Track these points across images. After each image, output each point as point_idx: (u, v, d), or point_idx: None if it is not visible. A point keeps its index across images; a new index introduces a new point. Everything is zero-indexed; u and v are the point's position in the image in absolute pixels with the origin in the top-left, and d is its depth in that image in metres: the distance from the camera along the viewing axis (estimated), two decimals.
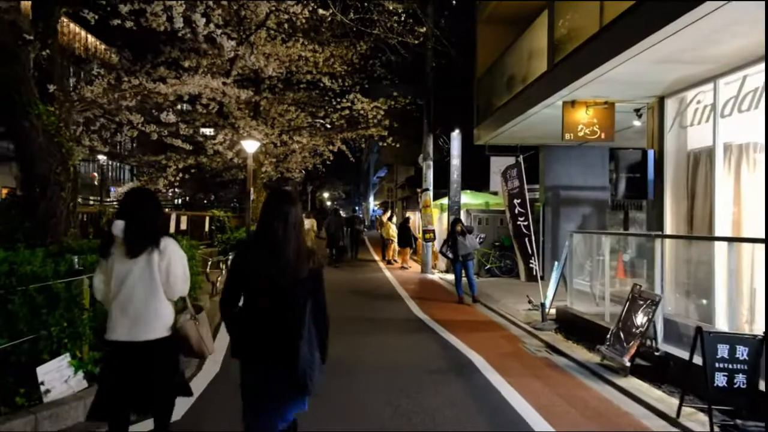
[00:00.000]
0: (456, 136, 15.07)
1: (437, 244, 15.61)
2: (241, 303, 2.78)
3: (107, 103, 7.12)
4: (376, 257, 19.79)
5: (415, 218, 18.56)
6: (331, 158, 18.83)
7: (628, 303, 5.77)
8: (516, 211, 8.96)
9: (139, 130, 8.59)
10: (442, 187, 16.28)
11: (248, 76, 15.70)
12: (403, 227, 16.40)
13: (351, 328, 7.46)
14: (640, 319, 5.42)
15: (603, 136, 8.47)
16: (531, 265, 9.06)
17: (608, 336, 5.82)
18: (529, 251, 8.94)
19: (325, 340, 2.85)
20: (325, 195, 51.77)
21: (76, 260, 4.31)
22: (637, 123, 8.95)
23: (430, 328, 7.82)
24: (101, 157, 35.19)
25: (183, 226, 11.89)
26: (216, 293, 9.95)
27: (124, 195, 3.29)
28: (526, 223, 8.66)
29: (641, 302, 5.55)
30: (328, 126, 18.20)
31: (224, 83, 9.43)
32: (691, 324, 5.32)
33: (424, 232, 15.22)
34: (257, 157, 17.07)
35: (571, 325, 7.50)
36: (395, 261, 17.50)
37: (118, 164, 43.36)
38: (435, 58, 14.95)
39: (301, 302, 2.69)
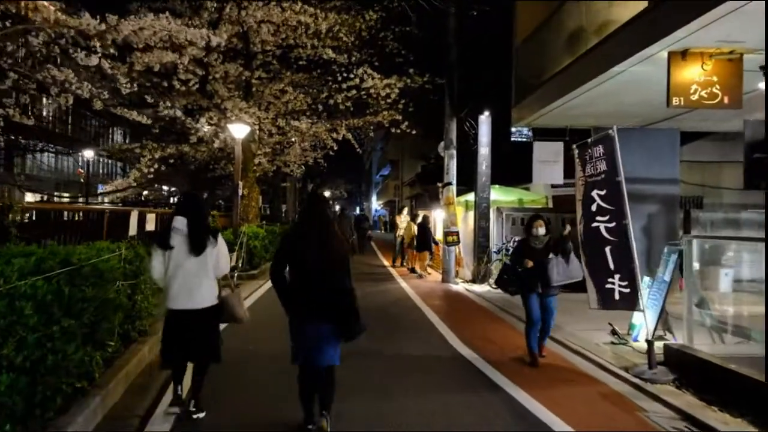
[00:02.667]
0: (485, 119, 12.60)
1: (463, 249, 13.16)
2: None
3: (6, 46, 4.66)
4: (385, 262, 17.29)
5: (431, 217, 16.00)
6: (335, 148, 16.36)
7: None
8: (594, 208, 6.42)
9: (73, 94, 6.12)
10: (461, 183, 13.76)
11: (236, 47, 13.25)
12: (423, 228, 13.91)
13: (366, 376, 5.03)
14: None
15: (726, 100, 6.00)
16: (610, 286, 6.43)
17: None
18: (611, 266, 6.32)
19: (355, 301, 3.69)
20: (327, 194, 49.30)
21: None
22: (763, 85, 6.49)
23: (486, 376, 5.36)
24: (88, 153, 32.83)
25: (150, 225, 9.41)
26: None
27: (181, 197, 4.62)
28: (611, 224, 6.09)
29: None
30: (326, 115, 15.77)
31: (189, 24, 6.94)
32: None
33: (446, 234, 12.74)
34: (248, 146, 14.61)
35: (700, 377, 5.02)
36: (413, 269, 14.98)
37: (108, 160, 40.86)
38: (463, 16, 12.43)
39: (345, 277, 3.63)
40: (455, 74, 12.95)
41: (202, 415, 4.00)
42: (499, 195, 13.24)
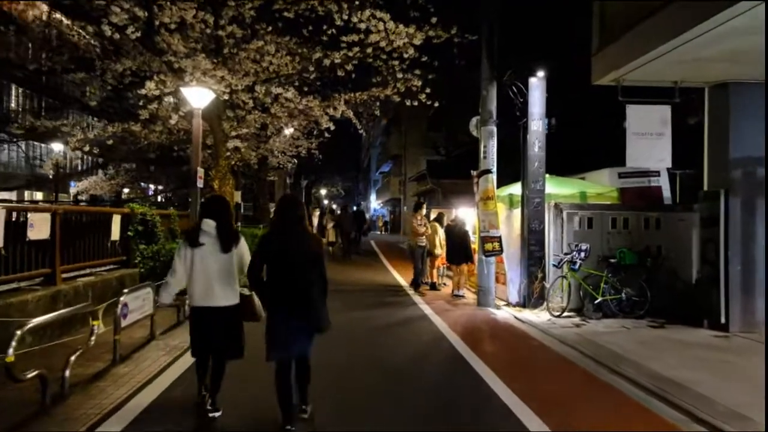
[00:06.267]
0: (537, 82, 9.17)
1: (506, 260, 9.70)
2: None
3: None
4: (398, 277, 13.77)
5: (454, 218, 12.46)
6: (332, 129, 12.87)
7: None
8: None
9: None
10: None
11: None
12: (457, 233, 10.43)
13: None
14: None
15: None
16: None
17: None
18: None
19: (325, 297, 3.88)
20: (323, 192, 45.73)
21: None
22: None
23: None
24: (56, 146, 29.24)
25: (40, 232, 5.95)
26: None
27: (208, 200, 4.46)
28: None
29: None
30: (320, 85, 12.34)
31: None
32: None
33: (484, 240, 9.29)
34: (218, 124, 11.13)
35: None
36: (434, 284, 11.40)
37: (83, 155, 37.16)
38: None
39: (314, 272, 3.76)
40: (496, 22, 9.52)
41: (218, 414, 4.04)
42: (553, 187, 9.80)
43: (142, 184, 30.34)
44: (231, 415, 4.11)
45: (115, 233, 8.05)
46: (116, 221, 8.04)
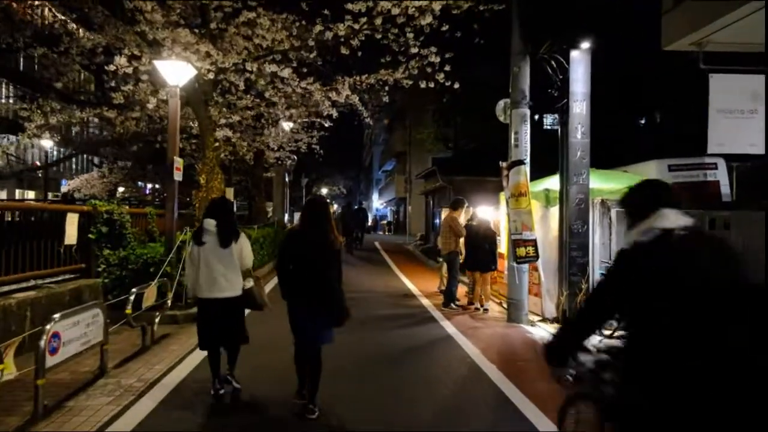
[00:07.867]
0: (580, 57, 7.67)
1: (541, 267, 8.20)
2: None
3: None
4: (407, 282, 12.29)
5: (472, 216, 10.87)
6: (334, 117, 11.40)
7: None
8: None
9: None
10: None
11: None
12: (478, 233, 8.88)
13: None
14: None
15: None
16: None
17: None
18: None
19: (341, 292, 4.16)
20: (324, 191, 44.21)
21: None
22: None
23: None
24: (46, 143, 27.73)
25: None
26: None
27: (210, 202, 4.96)
28: None
29: None
30: (322, 64, 10.89)
31: None
32: None
33: (515, 243, 7.80)
34: (204, 110, 9.66)
35: None
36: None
37: (73, 151, 35.68)
38: None
39: (334, 268, 4.07)
40: None
41: (238, 385, 4.57)
42: (597, 181, 8.29)
43: (139, 183, 28.90)
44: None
45: (71, 236, 6.57)
46: (72, 221, 6.56)
